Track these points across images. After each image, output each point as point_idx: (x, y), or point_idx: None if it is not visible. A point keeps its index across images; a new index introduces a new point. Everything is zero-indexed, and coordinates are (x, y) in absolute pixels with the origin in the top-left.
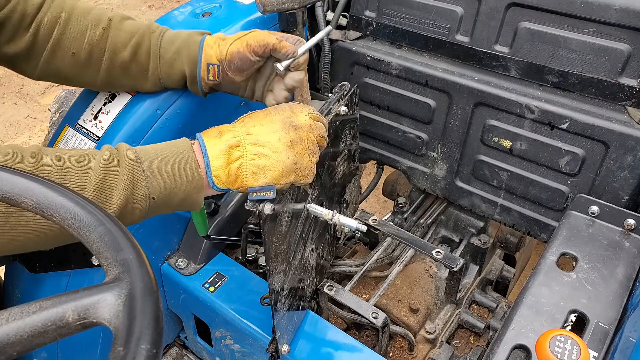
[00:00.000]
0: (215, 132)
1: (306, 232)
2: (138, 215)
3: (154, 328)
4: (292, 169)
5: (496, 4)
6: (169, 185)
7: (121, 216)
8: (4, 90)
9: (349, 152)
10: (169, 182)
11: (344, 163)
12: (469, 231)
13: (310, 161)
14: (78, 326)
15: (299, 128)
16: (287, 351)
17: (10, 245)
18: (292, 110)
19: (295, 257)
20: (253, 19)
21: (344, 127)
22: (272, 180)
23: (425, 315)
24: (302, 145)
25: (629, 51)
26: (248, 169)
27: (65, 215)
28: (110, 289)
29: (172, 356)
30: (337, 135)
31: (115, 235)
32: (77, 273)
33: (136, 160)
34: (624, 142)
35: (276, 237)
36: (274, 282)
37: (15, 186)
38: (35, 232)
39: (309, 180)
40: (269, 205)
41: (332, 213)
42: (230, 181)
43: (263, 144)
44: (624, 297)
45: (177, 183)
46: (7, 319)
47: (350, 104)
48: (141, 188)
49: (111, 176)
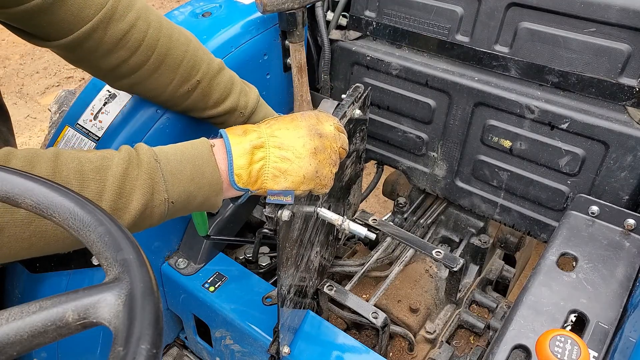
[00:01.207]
0: (240, 131)
1: (313, 236)
2: (157, 219)
3: (154, 328)
4: (312, 177)
5: (496, 4)
6: (188, 189)
7: (140, 221)
8: (4, 90)
9: (357, 153)
10: (188, 185)
11: (352, 165)
12: (469, 231)
13: (330, 171)
14: (78, 326)
15: (324, 137)
16: (287, 352)
17: (30, 250)
18: (319, 118)
19: (302, 261)
20: (253, 19)
21: (355, 130)
22: (292, 185)
23: (425, 315)
24: (325, 154)
25: (629, 51)
26: (270, 171)
27: (65, 215)
28: (110, 289)
29: (172, 356)
30: (349, 138)
31: (115, 235)
32: (77, 273)
33: (156, 164)
34: (624, 142)
35: (289, 243)
36: (282, 287)
37: (15, 186)
38: (55, 237)
39: (326, 190)
40: (287, 211)
41: (342, 219)
42: (251, 182)
43: (287, 147)
44: (624, 297)
45: (197, 186)
46: (7, 319)
47: (363, 106)
48: (160, 193)
49: (130, 180)
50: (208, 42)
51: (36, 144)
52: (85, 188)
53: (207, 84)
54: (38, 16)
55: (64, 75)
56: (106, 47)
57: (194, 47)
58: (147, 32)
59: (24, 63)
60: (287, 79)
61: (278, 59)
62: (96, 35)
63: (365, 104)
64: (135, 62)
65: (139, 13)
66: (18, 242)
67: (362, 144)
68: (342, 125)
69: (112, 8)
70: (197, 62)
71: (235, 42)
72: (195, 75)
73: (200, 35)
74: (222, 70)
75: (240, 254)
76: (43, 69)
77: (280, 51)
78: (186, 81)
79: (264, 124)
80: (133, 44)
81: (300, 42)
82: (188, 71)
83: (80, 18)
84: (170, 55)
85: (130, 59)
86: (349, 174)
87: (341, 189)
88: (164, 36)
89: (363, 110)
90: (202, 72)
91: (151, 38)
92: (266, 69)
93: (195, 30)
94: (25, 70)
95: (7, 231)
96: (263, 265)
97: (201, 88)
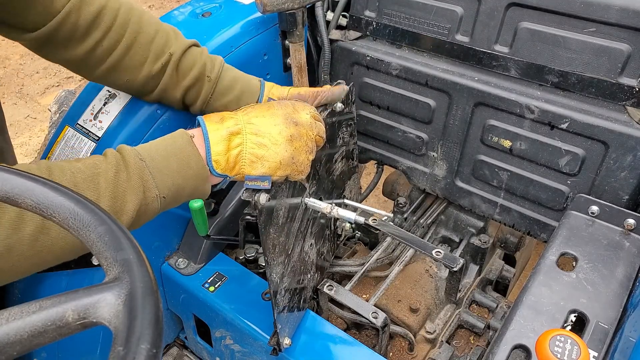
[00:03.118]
0: (217, 118)
1: (305, 227)
2: (151, 214)
3: (154, 328)
4: (288, 163)
5: (496, 4)
6: (176, 182)
7: (136, 219)
8: (4, 90)
9: (347, 150)
10: (176, 179)
11: (342, 160)
12: (469, 231)
13: (306, 158)
14: (78, 326)
15: (300, 125)
16: (288, 344)
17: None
18: (295, 107)
19: (294, 251)
20: (253, 19)
21: (341, 125)
22: (268, 171)
23: (425, 315)
24: (301, 141)
25: (629, 51)
26: (247, 157)
27: (65, 215)
28: (110, 288)
29: (172, 356)
30: (334, 132)
31: (115, 235)
32: (77, 273)
33: (142, 163)
34: (624, 142)
35: (273, 229)
36: (272, 273)
37: (15, 186)
38: (62, 248)
39: (303, 176)
40: (264, 195)
41: (331, 206)
42: (229, 167)
43: (263, 134)
44: (624, 297)
45: (184, 178)
46: (7, 319)
47: (346, 101)
48: (151, 190)
49: (121, 184)
50: (208, 42)
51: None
52: None
53: (179, 56)
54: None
55: (64, 75)
56: (81, 31)
57: (165, 27)
58: (119, 10)
59: (24, 63)
60: (287, 79)
61: (278, 59)
62: (70, 19)
63: (349, 99)
64: (109, 43)
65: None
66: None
67: (352, 140)
68: (318, 114)
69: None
70: (169, 38)
71: (235, 42)
72: (167, 50)
73: (200, 35)
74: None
75: (240, 254)
76: (43, 69)
77: (280, 51)
78: (159, 57)
79: (241, 112)
80: (106, 23)
81: (300, 42)
82: (160, 47)
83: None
84: (142, 32)
85: (104, 40)
86: (340, 168)
87: (332, 182)
88: (134, 15)
89: (347, 105)
90: (174, 46)
91: (123, 16)
92: (266, 69)
93: (195, 30)
94: (25, 70)
95: (15, 250)
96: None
97: (173, 61)
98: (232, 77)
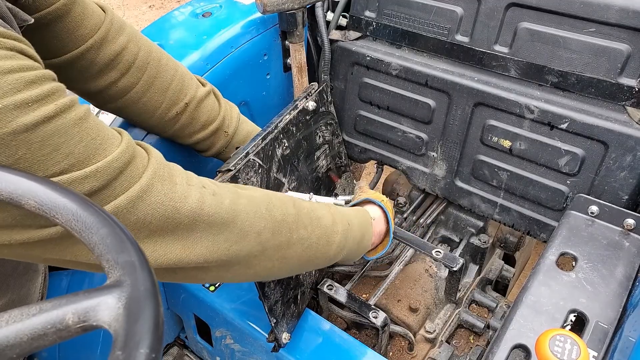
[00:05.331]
0: (384, 198)
1: None
2: (329, 260)
3: (154, 332)
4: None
5: (496, 4)
6: (353, 248)
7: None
8: None
9: (331, 147)
10: (356, 247)
11: (327, 158)
12: (469, 231)
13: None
14: (78, 329)
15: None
16: (288, 338)
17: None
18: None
19: None
20: (253, 19)
21: (318, 121)
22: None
23: (425, 314)
24: None
25: (629, 51)
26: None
27: (67, 216)
28: (111, 291)
29: (173, 356)
30: (309, 128)
31: (117, 238)
32: (77, 274)
33: (348, 227)
34: (624, 142)
35: None
36: None
37: (18, 187)
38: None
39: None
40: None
41: (309, 195)
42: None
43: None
44: (624, 297)
45: (358, 249)
46: (7, 321)
47: (320, 100)
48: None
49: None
50: (208, 42)
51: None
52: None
53: (195, 107)
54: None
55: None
56: (97, 68)
57: (181, 72)
58: (138, 54)
59: None
60: (287, 79)
61: (278, 59)
62: (89, 55)
63: (323, 98)
64: (125, 85)
65: (130, 36)
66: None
67: (335, 138)
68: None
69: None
70: (185, 86)
71: (235, 42)
72: (183, 98)
73: (200, 35)
74: (209, 94)
75: None
76: None
77: (280, 51)
78: (174, 105)
79: (387, 198)
80: (124, 66)
81: (300, 42)
82: (176, 94)
83: (75, 37)
84: (159, 77)
85: (120, 81)
86: (325, 165)
87: (318, 180)
88: (153, 59)
89: (322, 104)
90: (189, 96)
91: (141, 60)
92: (266, 69)
93: (195, 31)
94: None
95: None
96: None
97: (189, 111)
98: (247, 131)
